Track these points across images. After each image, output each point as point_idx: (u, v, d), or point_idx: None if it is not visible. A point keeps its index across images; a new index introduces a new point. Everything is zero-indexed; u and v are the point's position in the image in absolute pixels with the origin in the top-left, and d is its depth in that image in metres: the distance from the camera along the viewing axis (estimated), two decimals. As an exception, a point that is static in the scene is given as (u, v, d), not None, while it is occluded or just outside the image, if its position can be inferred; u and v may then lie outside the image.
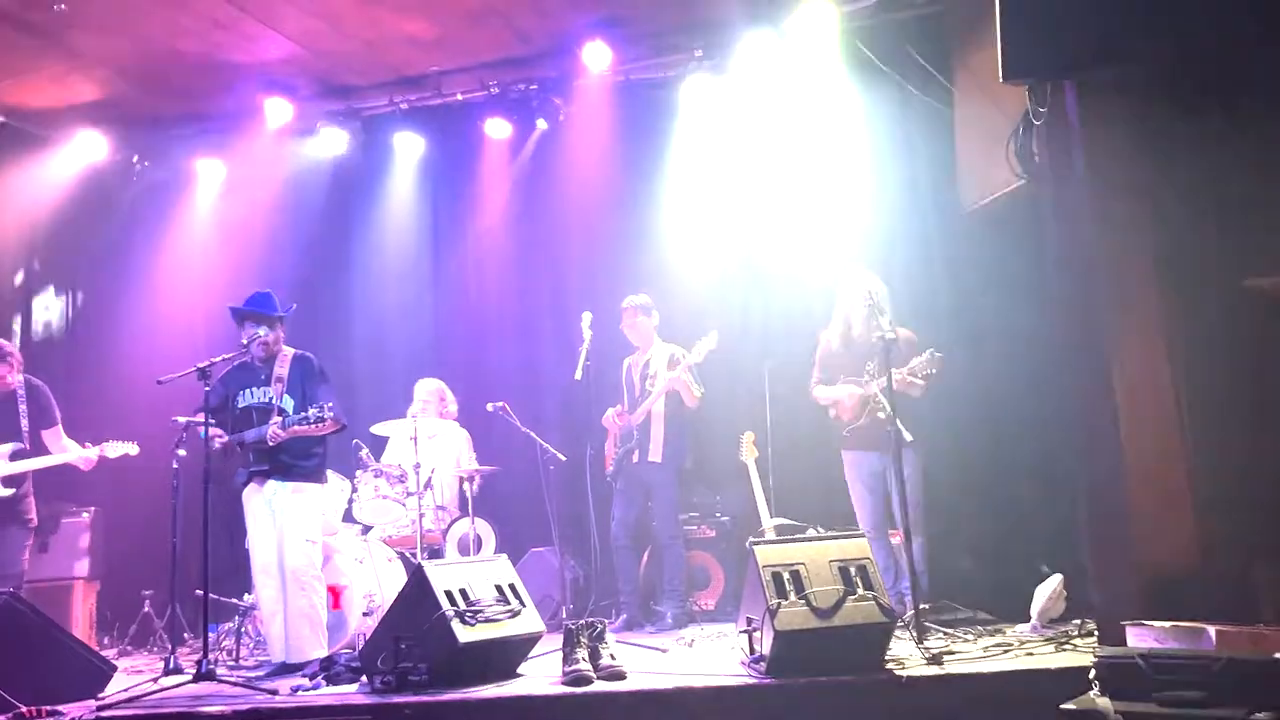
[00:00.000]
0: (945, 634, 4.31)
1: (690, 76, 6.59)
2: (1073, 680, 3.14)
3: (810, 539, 4.13)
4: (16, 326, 7.10)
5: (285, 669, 4.72)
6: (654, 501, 5.94)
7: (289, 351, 5.09)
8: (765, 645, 3.72)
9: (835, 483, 5.55)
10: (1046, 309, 4.66)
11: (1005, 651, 3.95)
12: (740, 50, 6.27)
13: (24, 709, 3.84)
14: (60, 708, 3.93)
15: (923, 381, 5.06)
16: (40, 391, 5.57)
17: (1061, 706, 2.83)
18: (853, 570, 3.79)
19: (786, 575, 3.74)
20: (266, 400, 4.94)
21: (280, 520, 4.86)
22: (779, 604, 3.66)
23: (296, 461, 4.90)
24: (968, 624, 4.82)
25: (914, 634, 4.08)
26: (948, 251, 5.99)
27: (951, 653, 3.92)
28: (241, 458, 4.92)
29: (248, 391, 5.01)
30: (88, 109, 7.05)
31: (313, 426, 4.69)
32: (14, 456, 5.37)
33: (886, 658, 3.76)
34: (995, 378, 5.78)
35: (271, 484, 4.88)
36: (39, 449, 5.51)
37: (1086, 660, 3.20)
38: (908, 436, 4.68)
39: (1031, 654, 3.90)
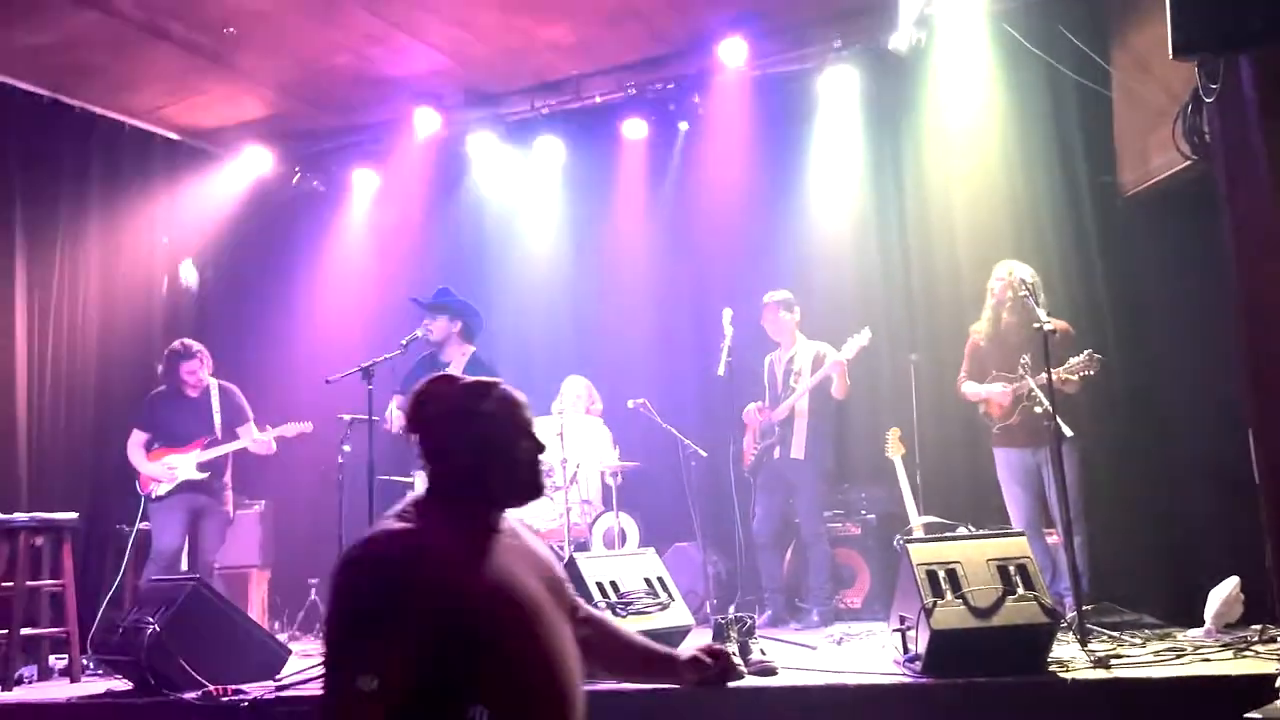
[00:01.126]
0: (1110, 637, 4.14)
1: (829, 68, 6.52)
2: (1256, 688, 2.97)
3: (965, 537, 4.02)
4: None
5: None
6: (797, 499, 5.91)
7: (468, 349, 5.29)
8: (920, 644, 3.65)
9: (986, 480, 5.40)
10: (1218, 296, 4.41)
11: (1178, 656, 3.74)
12: (881, 39, 6.16)
13: (212, 688, 4.13)
14: (244, 687, 4.20)
15: (1078, 380, 4.87)
16: (232, 391, 6.04)
17: (1246, 716, 2.68)
18: (1012, 569, 3.67)
19: (942, 573, 3.65)
20: None
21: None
22: (935, 602, 3.58)
23: None
24: (1133, 627, 4.60)
25: (1077, 636, 3.93)
26: (1106, 238, 5.74)
27: (1118, 656, 3.75)
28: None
29: None
30: (254, 126, 7.50)
31: None
32: (207, 446, 5.81)
33: (1049, 660, 3.63)
34: (1161, 370, 5.51)
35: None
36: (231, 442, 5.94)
37: (1271, 668, 3.02)
38: (1067, 432, 4.51)
39: (1208, 660, 3.69)
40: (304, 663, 4.83)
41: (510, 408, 2.17)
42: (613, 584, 4.24)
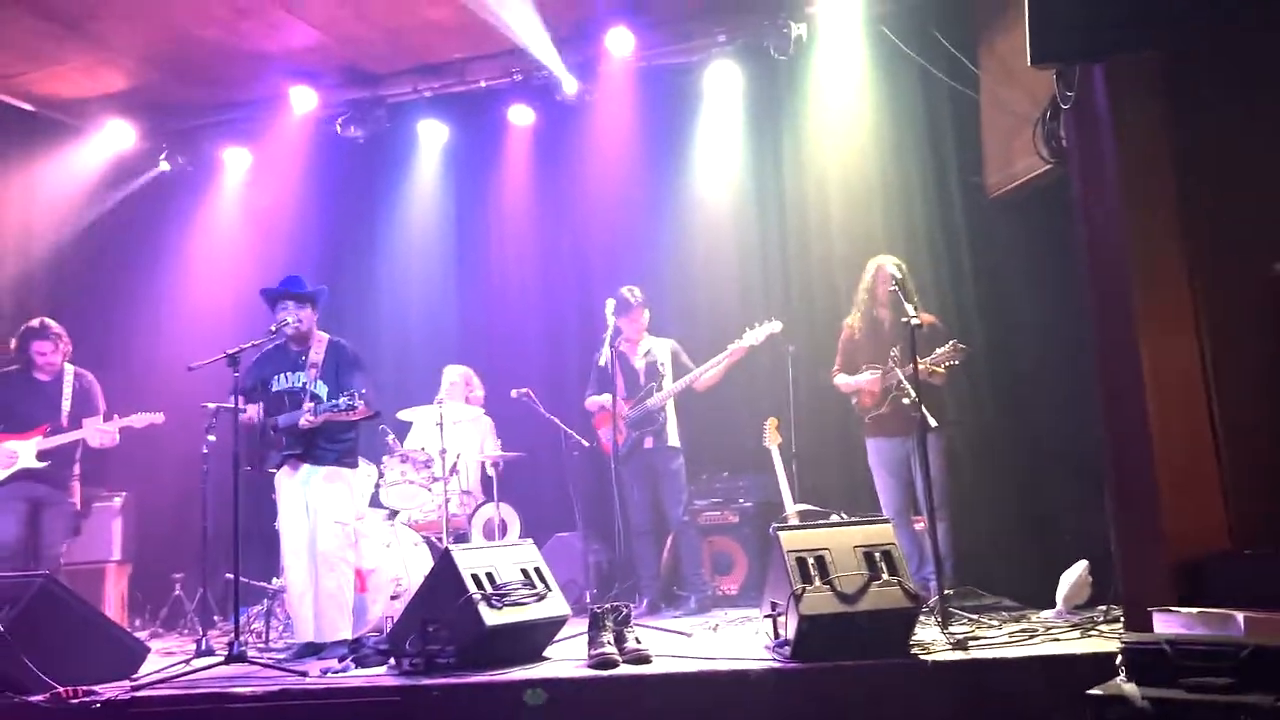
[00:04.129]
0: (970, 620, 4.31)
1: (714, 62, 6.58)
2: (1099, 666, 3.14)
3: (835, 524, 4.13)
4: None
5: (310, 649, 4.80)
6: (666, 487, 5.95)
7: (323, 337, 5.13)
8: (790, 630, 3.74)
9: (859, 468, 5.56)
10: (1074, 294, 4.64)
11: (1030, 637, 3.94)
12: (763, 36, 6.25)
13: (61, 689, 3.91)
14: (96, 688, 3.99)
15: (944, 371, 5.06)
16: (88, 379, 5.74)
17: (1088, 692, 2.83)
18: (877, 555, 3.80)
19: (811, 560, 3.75)
20: (300, 385, 5.00)
21: (312, 503, 4.93)
22: (804, 589, 3.67)
23: (328, 446, 4.97)
24: (992, 610, 4.82)
25: (939, 619, 4.09)
26: (974, 238, 5.98)
27: (976, 638, 3.92)
28: (274, 441, 4.97)
29: (282, 376, 5.06)
30: (116, 98, 7.13)
31: (344, 414, 4.74)
32: (49, 434, 5.50)
33: (911, 643, 3.77)
34: (1021, 363, 5.78)
35: (304, 468, 4.95)
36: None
37: (1113, 646, 3.19)
38: (932, 422, 4.68)
39: (1057, 640, 3.89)
40: (164, 661, 4.64)
41: None
42: (489, 575, 4.20)
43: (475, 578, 4.15)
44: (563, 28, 6.51)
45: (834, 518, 5.10)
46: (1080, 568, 4.56)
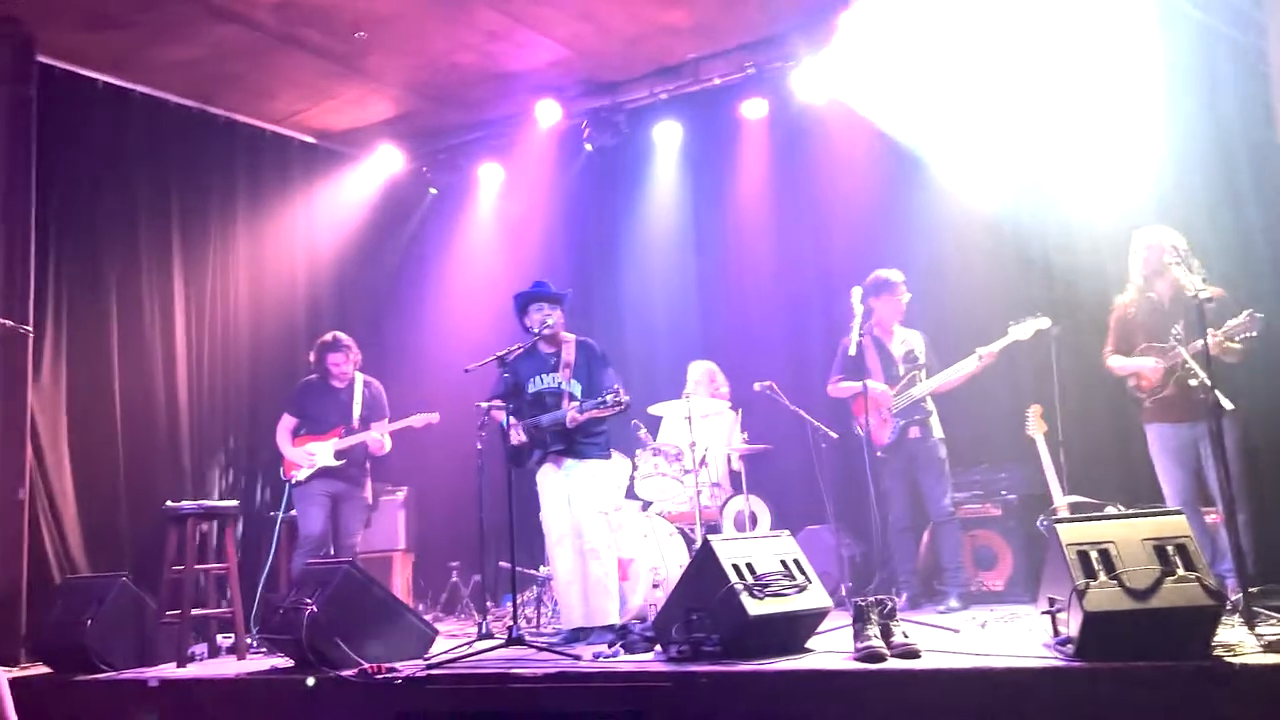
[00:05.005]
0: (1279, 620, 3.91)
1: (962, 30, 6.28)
2: None
3: (1118, 516, 3.85)
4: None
5: (578, 634, 5.03)
6: (930, 479, 5.75)
7: (571, 338, 5.36)
8: (1073, 627, 3.53)
9: (1135, 457, 5.16)
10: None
11: (1355, 641, 3.51)
12: None
13: (367, 665, 4.32)
14: (396, 665, 4.38)
15: (1240, 345, 4.59)
16: (376, 387, 6.28)
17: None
18: (1170, 549, 3.50)
19: (1094, 554, 3.51)
20: (556, 385, 5.24)
21: (574, 496, 5.16)
22: (1087, 584, 3.44)
23: (587, 440, 5.19)
24: (1305, 610, 4.33)
25: (1244, 619, 3.73)
26: (1264, 193, 5.38)
27: (1290, 641, 3.55)
28: (538, 439, 5.24)
29: (538, 378, 5.33)
30: (384, 126, 7.80)
31: (609, 409, 4.95)
32: (344, 436, 6.05)
33: (1214, 644, 3.45)
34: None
35: (568, 462, 5.19)
36: None
37: None
38: (1228, 405, 4.27)
39: (1391, 644, 3.45)
40: (449, 643, 5.01)
41: None
42: (749, 566, 4.23)
43: (735, 568, 4.20)
44: (790, 16, 6.46)
45: (1110, 509, 4.77)
46: None
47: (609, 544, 5.16)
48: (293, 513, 6.07)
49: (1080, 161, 5.97)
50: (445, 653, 4.67)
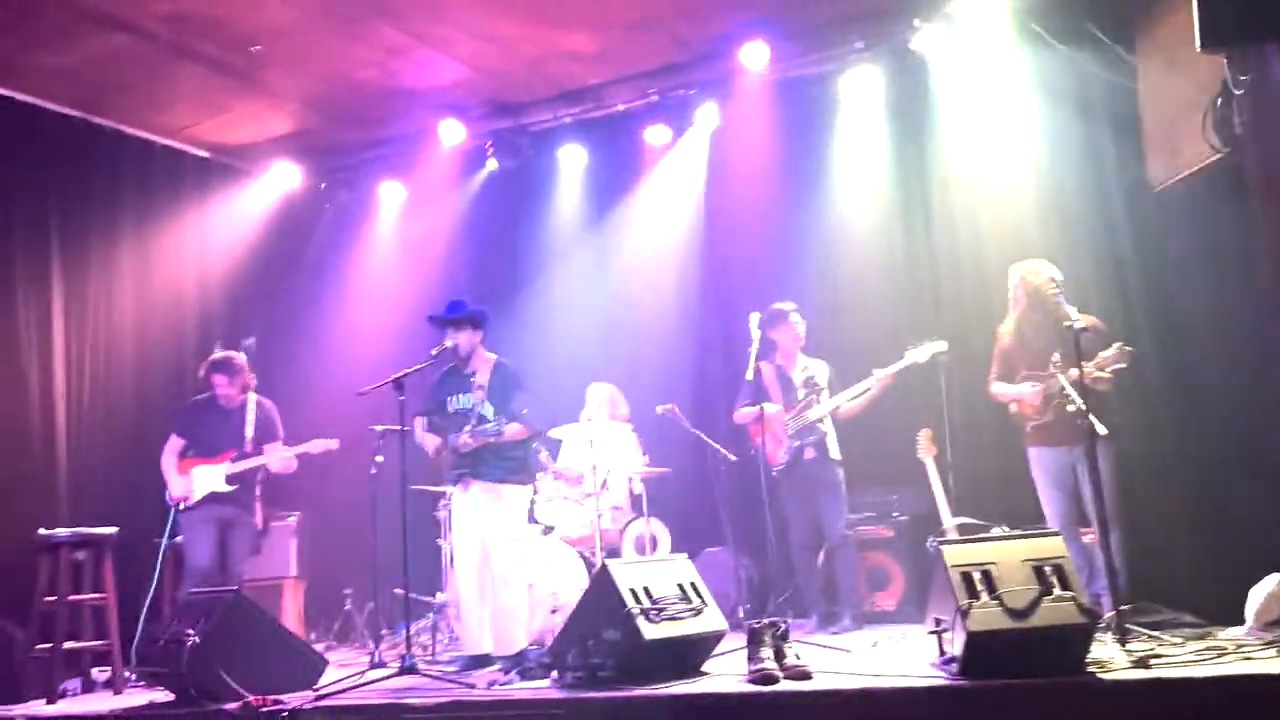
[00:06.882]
0: (1149, 637, 4.09)
1: (851, 70, 6.51)
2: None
3: (1000, 537, 4.00)
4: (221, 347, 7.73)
5: (477, 661, 4.95)
6: (826, 501, 5.86)
7: (490, 358, 5.30)
8: (957, 646, 3.64)
9: (1018, 479, 5.35)
10: (1251, 287, 4.36)
11: (1219, 655, 3.70)
12: (903, 39, 6.15)
13: (251, 698, 4.17)
14: (283, 697, 4.24)
15: (1110, 376, 4.82)
16: (269, 408, 6.06)
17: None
18: (1048, 569, 3.64)
19: (977, 575, 3.63)
20: (469, 406, 5.17)
21: (482, 520, 5.09)
22: (970, 604, 3.56)
23: (496, 463, 5.11)
24: (1172, 626, 4.53)
25: (1116, 636, 3.89)
26: (1137, 234, 5.69)
27: (1158, 656, 3.71)
28: (449, 460, 5.17)
29: (456, 397, 5.26)
30: (281, 141, 7.60)
31: (494, 437, 4.89)
32: (235, 460, 5.84)
33: (1088, 660, 3.60)
34: (1195, 366, 5.45)
35: (474, 486, 5.12)
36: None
37: (1316, 666, 2.98)
38: (1101, 430, 4.47)
39: (1250, 658, 3.64)
40: (341, 672, 4.88)
41: None
42: (645, 590, 4.24)
43: (633, 592, 4.20)
44: (697, 45, 6.57)
45: (995, 531, 4.94)
46: (1273, 581, 4.26)
47: (520, 571, 5.10)
48: (179, 539, 5.83)
49: (968, 194, 6.22)
50: (335, 683, 4.55)
